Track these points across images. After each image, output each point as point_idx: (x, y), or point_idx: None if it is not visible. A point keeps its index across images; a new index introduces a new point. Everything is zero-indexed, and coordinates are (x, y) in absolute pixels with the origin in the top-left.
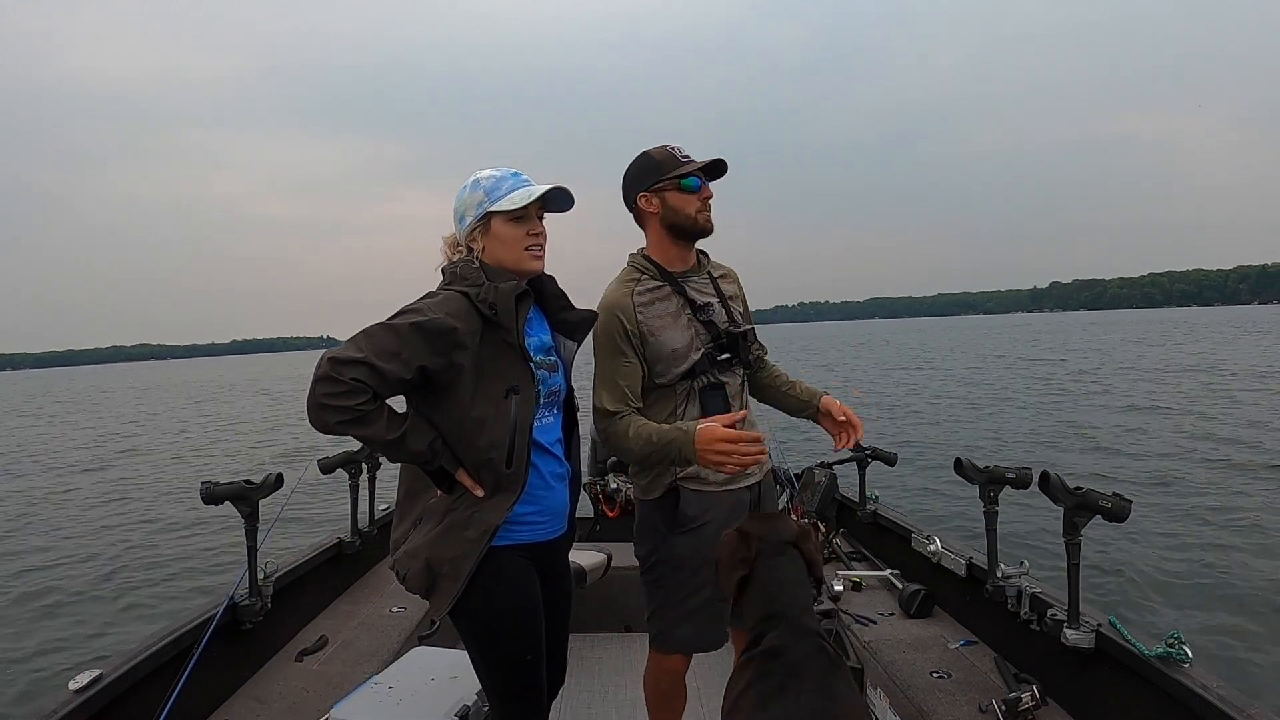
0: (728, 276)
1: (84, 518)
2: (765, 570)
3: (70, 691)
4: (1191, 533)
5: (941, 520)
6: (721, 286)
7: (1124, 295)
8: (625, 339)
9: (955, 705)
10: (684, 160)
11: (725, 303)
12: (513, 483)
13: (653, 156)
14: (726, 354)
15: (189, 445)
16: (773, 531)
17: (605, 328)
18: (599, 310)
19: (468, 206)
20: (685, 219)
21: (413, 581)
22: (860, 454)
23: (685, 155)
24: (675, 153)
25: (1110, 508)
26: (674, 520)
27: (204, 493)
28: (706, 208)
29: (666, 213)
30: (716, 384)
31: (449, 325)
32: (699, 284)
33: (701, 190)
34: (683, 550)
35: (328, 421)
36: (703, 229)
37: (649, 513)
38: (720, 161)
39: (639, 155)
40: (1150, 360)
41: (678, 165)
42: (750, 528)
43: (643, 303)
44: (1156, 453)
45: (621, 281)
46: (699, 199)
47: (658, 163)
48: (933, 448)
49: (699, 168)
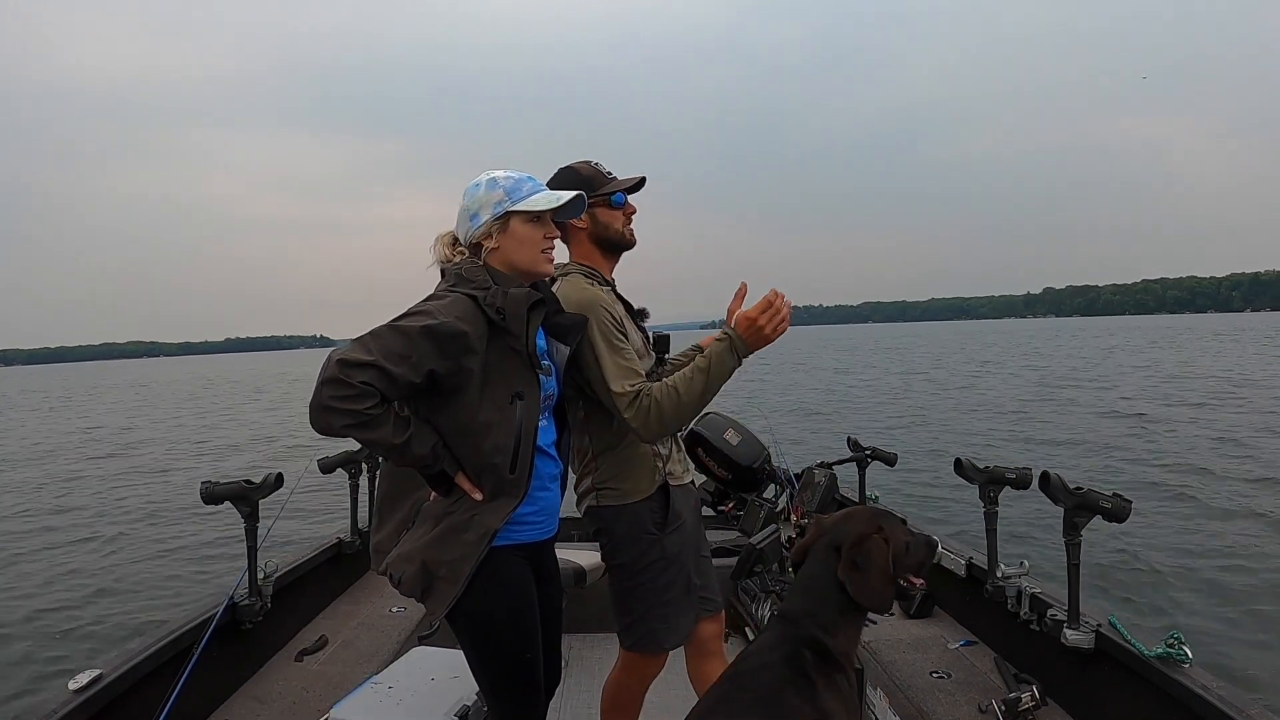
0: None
1: (84, 517)
2: (805, 566)
3: (70, 691)
4: (1192, 533)
5: (941, 520)
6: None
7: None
8: (618, 326)
9: (955, 705)
10: (609, 177)
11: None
12: (515, 487)
13: (579, 172)
14: (662, 353)
15: (188, 445)
16: (832, 529)
17: (600, 321)
18: (585, 307)
19: (483, 205)
20: (614, 234)
21: (408, 585)
22: (860, 454)
23: (609, 171)
24: (600, 169)
25: (1110, 508)
26: (666, 519)
27: (204, 493)
28: (630, 222)
29: (596, 228)
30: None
31: (459, 329)
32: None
33: (625, 206)
34: (672, 549)
35: (333, 425)
36: (628, 243)
37: (639, 515)
38: (643, 179)
39: (562, 170)
40: (1150, 363)
41: (605, 182)
42: (825, 521)
43: (608, 303)
44: (1157, 453)
45: (585, 283)
46: (624, 214)
47: (585, 179)
48: (933, 448)
49: (625, 186)
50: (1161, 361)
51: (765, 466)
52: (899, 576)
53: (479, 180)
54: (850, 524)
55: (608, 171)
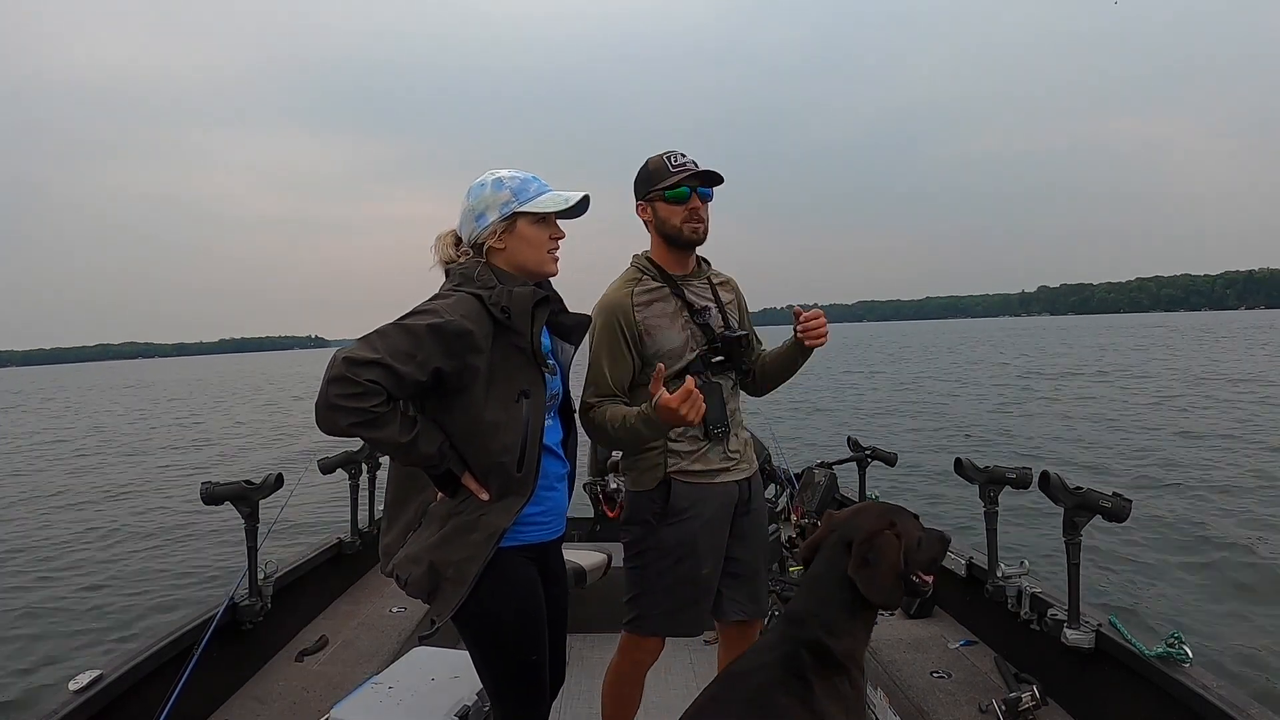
0: (726, 284)
1: (83, 516)
2: (814, 564)
3: (70, 691)
4: (1192, 532)
5: (941, 520)
6: (719, 293)
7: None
8: (622, 337)
9: (955, 705)
10: (675, 170)
11: (722, 308)
12: (523, 486)
13: (648, 165)
14: (720, 357)
15: (188, 445)
16: (843, 524)
17: (604, 325)
18: (599, 308)
19: (489, 205)
20: (672, 229)
21: (415, 586)
22: (860, 454)
23: (680, 164)
24: (668, 162)
25: (1110, 508)
26: (664, 512)
27: (204, 493)
28: (694, 218)
29: (658, 222)
30: (712, 384)
31: (465, 328)
32: (698, 288)
33: (690, 201)
34: (669, 540)
35: (339, 424)
36: (688, 240)
37: (640, 503)
38: (711, 173)
39: (644, 163)
40: (1151, 363)
41: (666, 176)
42: (836, 515)
43: (641, 302)
44: (1157, 452)
45: (623, 281)
46: (686, 210)
47: (650, 172)
48: (933, 448)
49: (682, 179)
50: (1161, 361)
51: (765, 466)
52: (910, 573)
53: (484, 180)
54: (862, 519)
55: (677, 163)
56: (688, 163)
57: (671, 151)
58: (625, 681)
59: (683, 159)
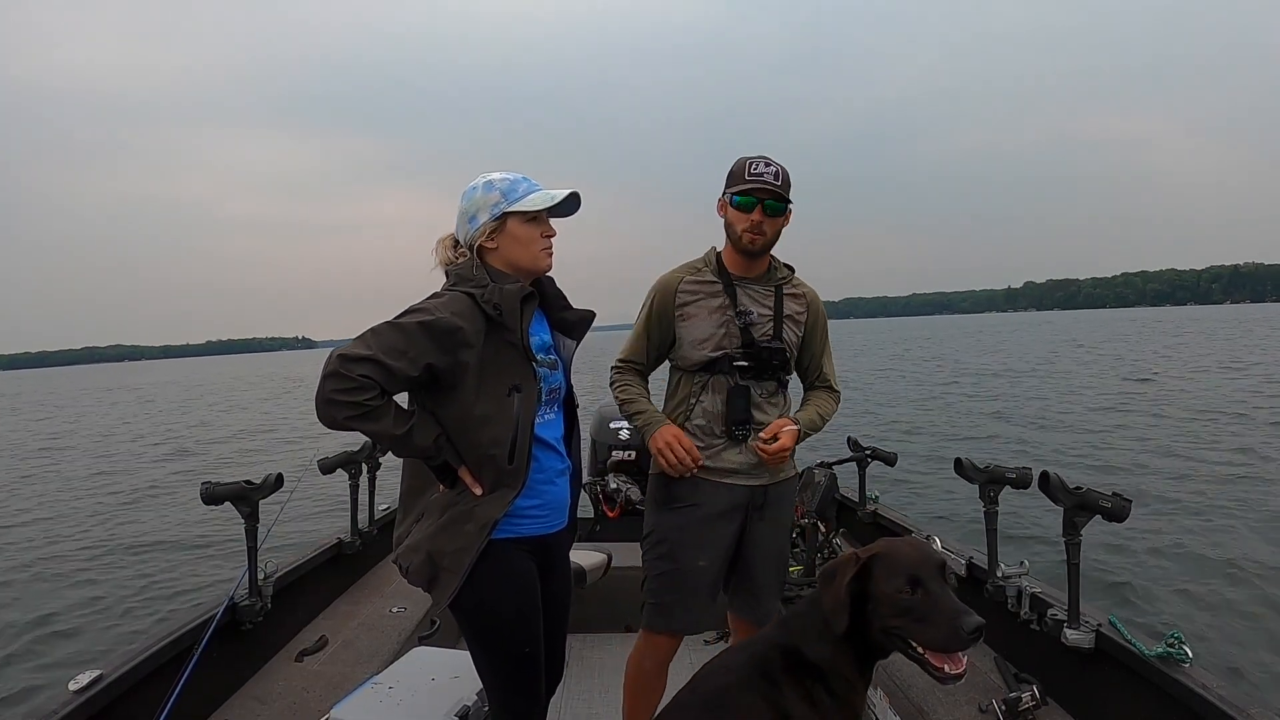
0: (800, 297)
1: (82, 517)
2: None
3: (70, 691)
4: (1192, 532)
5: (942, 520)
6: (787, 303)
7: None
8: (660, 314)
9: (955, 705)
10: (749, 179)
11: (781, 318)
12: (514, 478)
13: (734, 166)
14: (745, 362)
15: (188, 445)
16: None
17: (649, 299)
18: (655, 283)
19: (480, 207)
20: (733, 233)
21: (415, 574)
22: (860, 454)
23: (756, 173)
24: (747, 167)
25: (1110, 507)
26: (666, 497)
27: (204, 493)
28: (755, 230)
29: (726, 222)
30: (740, 387)
31: (455, 325)
32: (757, 292)
33: (753, 212)
34: (667, 526)
35: (336, 417)
36: (744, 247)
37: (651, 487)
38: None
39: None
40: (1147, 361)
41: (739, 182)
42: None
43: (687, 289)
44: (1157, 452)
45: (683, 267)
46: (749, 219)
47: (732, 173)
48: (933, 447)
49: (751, 189)
50: (1160, 360)
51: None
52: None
53: (475, 183)
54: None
55: (753, 171)
56: (765, 173)
57: (757, 158)
58: (638, 670)
59: (763, 169)
